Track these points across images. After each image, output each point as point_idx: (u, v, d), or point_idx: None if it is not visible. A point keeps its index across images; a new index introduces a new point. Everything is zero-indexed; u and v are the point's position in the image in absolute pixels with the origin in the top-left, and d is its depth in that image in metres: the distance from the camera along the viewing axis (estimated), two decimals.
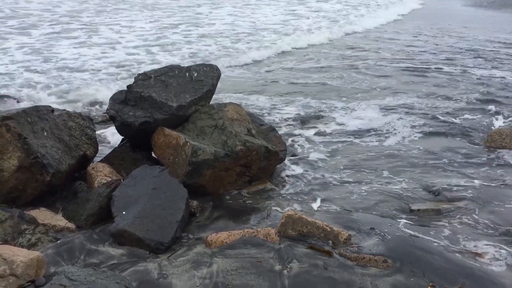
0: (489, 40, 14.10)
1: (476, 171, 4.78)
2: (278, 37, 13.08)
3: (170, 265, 3.06)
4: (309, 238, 3.39)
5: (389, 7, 23.31)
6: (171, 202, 3.59)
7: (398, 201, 4.11)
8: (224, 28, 14.43)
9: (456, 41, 13.82)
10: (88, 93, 7.39)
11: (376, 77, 9.09)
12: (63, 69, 8.82)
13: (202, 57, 10.31)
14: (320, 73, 9.44)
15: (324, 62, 10.50)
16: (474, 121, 6.39)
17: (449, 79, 8.99)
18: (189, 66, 4.60)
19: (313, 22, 16.79)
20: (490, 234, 3.58)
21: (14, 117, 3.63)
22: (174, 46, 11.50)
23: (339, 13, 19.89)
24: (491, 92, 7.96)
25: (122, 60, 9.76)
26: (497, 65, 10.31)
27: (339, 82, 8.64)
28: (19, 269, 2.53)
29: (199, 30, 13.84)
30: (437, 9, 25.37)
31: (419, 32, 15.68)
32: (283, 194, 4.25)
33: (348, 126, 6.24)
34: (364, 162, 5.03)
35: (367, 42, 13.35)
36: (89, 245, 3.28)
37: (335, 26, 15.92)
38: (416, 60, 10.79)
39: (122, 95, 4.41)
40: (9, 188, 3.61)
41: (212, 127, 4.29)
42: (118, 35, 12.35)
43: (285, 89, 8.16)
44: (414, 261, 3.15)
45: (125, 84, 5.51)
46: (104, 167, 4.19)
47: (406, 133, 5.90)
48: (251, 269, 3.02)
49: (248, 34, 13.54)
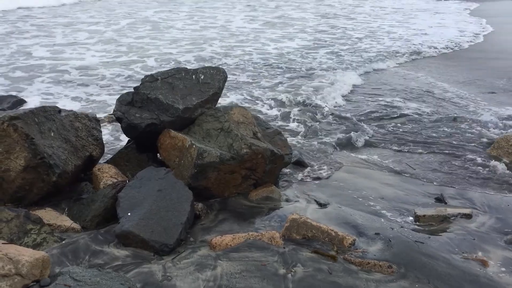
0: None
1: (483, 177, 4.76)
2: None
3: (174, 267, 3.06)
4: (314, 242, 3.39)
5: None
6: (176, 204, 3.59)
7: (403, 207, 4.10)
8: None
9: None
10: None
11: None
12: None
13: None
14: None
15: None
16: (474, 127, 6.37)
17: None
18: (195, 69, 4.61)
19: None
20: (495, 241, 3.56)
21: (22, 117, 3.65)
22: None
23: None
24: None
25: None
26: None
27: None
28: (24, 269, 2.54)
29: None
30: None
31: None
32: (288, 198, 4.25)
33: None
34: (370, 166, 5.02)
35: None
36: (94, 246, 3.28)
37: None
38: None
39: (129, 97, 4.43)
40: (15, 187, 3.63)
41: (218, 129, 4.30)
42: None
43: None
44: (419, 267, 3.14)
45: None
46: (109, 168, 4.21)
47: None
48: (255, 272, 3.02)
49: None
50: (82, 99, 7.39)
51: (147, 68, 9.46)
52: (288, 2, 24.46)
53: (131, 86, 5.70)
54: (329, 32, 14.93)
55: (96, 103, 7.22)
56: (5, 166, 3.57)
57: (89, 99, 7.41)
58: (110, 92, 7.78)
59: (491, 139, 5.68)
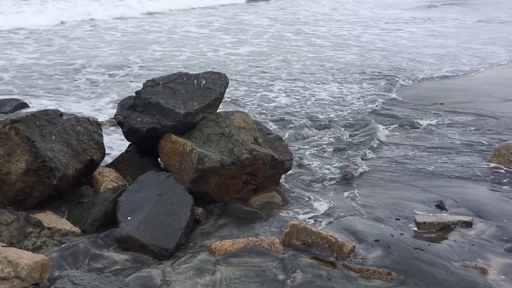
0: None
1: (483, 185, 4.75)
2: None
3: (173, 271, 3.07)
4: (313, 248, 3.39)
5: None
6: (176, 208, 3.60)
7: (403, 214, 4.10)
8: None
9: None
10: None
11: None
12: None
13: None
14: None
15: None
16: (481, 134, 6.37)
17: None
18: (197, 74, 4.63)
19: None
20: (495, 249, 3.55)
21: (23, 120, 3.66)
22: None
23: None
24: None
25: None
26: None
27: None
28: (23, 272, 2.54)
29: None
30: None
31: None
32: (288, 204, 4.25)
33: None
34: (370, 173, 5.02)
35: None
36: (94, 250, 3.29)
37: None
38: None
39: (131, 101, 4.44)
40: (16, 190, 3.63)
41: (219, 134, 4.31)
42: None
43: None
44: (419, 274, 3.13)
45: None
46: (110, 172, 4.22)
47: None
48: (255, 277, 3.02)
49: None
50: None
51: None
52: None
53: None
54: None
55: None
56: (6, 169, 3.58)
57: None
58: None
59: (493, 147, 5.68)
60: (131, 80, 8.71)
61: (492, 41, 13.63)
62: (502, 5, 22.90)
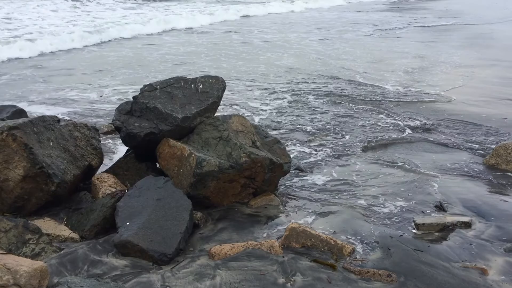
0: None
1: (481, 185, 4.75)
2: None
3: (173, 276, 3.06)
4: (313, 251, 3.38)
5: None
6: (175, 213, 3.59)
7: (403, 215, 4.09)
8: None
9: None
10: None
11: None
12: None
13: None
14: None
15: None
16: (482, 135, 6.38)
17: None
18: (194, 78, 4.63)
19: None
20: (495, 249, 3.55)
21: (21, 127, 3.66)
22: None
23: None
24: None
25: None
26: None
27: None
28: (22, 279, 2.53)
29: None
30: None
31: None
32: (287, 207, 4.24)
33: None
34: (369, 175, 5.02)
35: None
36: (93, 256, 3.28)
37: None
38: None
39: (128, 106, 4.44)
40: (14, 197, 3.62)
41: (217, 138, 4.30)
42: None
43: None
44: (419, 275, 3.13)
45: None
46: (108, 178, 4.21)
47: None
48: (255, 281, 3.01)
49: None
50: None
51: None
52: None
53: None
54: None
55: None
56: (4, 176, 3.57)
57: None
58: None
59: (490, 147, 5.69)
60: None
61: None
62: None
